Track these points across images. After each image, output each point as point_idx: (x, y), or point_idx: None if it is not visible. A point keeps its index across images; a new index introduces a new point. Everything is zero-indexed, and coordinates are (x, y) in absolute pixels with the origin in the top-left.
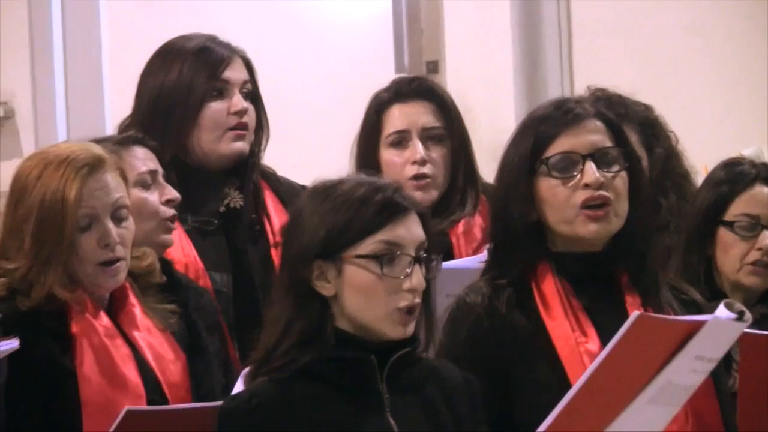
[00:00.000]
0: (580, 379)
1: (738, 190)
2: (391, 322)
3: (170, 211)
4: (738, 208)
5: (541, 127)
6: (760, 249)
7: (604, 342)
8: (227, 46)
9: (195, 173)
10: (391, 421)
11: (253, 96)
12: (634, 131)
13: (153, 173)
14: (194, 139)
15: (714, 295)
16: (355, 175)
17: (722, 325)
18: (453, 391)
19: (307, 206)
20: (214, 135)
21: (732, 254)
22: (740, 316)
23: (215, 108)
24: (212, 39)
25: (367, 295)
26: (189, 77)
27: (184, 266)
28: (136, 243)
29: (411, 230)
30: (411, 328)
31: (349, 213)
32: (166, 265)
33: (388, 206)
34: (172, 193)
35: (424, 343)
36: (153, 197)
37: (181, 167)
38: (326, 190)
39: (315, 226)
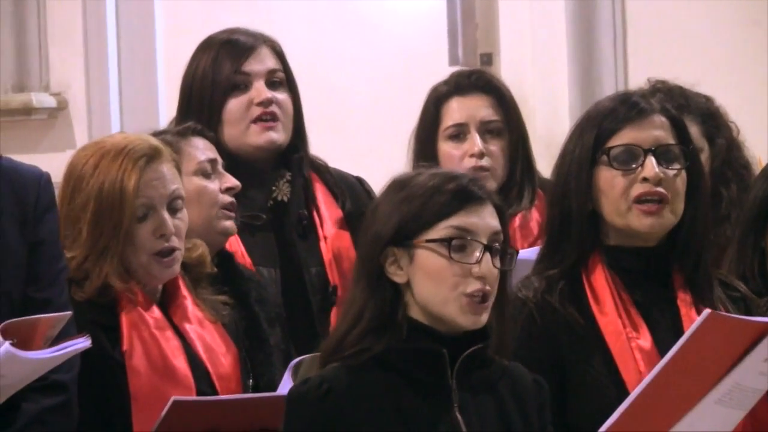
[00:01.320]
0: (648, 375)
1: None
2: (460, 309)
3: (229, 198)
4: None
5: (605, 120)
6: None
7: (655, 338)
8: (254, 35)
9: (243, 167)
10: (459, 417)
11: (288, 85)
12: (695, 122)
13: (213, 162)
14: (223, 134)
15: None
16: (431, 169)
17: None
18: (523, 393)
19: (384, 198)
20: (238, 129)
21: None
22: None
23: (235, 102)
24: (242, 31)
25: (437, 279)
26: (212, 72)
27: None
28: (197, 231)
29: (484, 219)
30: (484, 318)
31: (422, 200)
32: (229, 258)
33: (462, 194)
34: (232, 181)
35: (496, 340)
36: (213, 185)
37: (230, 160)
38: (402, 182)
39: (389, 213)
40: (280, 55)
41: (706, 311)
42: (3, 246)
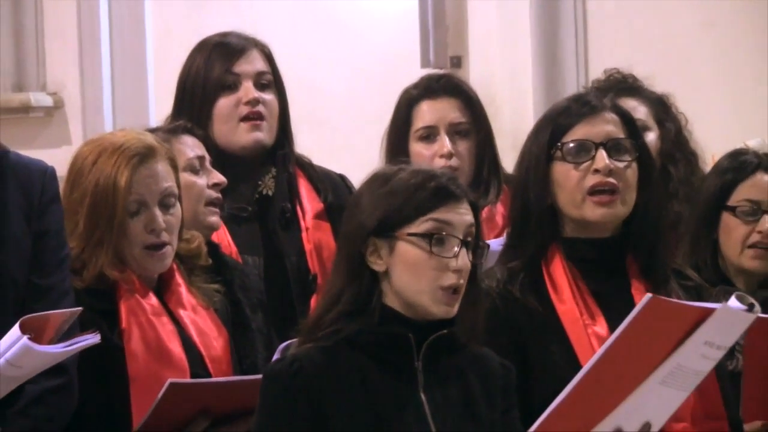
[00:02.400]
0: (593, 357)
1: (741, 177)
2: (435, 300)
3: (215, 194)
4: (741, 194)
5: (560, 117)
6: (760, 232)
7: (611, 325)
8: (245, 38)
9: (232, 162)
10: (422, 398)
11: (275, 86)
12: (645, 104)
13: (201, 159)
14: (213, 131)
15: (719, 279)
16: (412, 165)
17: (732, 313)
18: (490, 377)
19: (367, 190)
20: (227, 127)
21: (734, 237)
22: (750, 308)
23: (225, 101)
24: (234, 34)
25: (416, 271)
26: (204, 72)
27: None
28: (185, 225)
29: (461, 215)
30: (455, 309)
31: (405, 195)
32: (214, 248)
33: (442, 191)
34: (219, 177)
35: (468, 328)
36: (201, 181)
37: (220, 156)
38: (385, 177)
39: (373, 206)
40: (269, 58)
41: (648, 295)
42: (10, 235)
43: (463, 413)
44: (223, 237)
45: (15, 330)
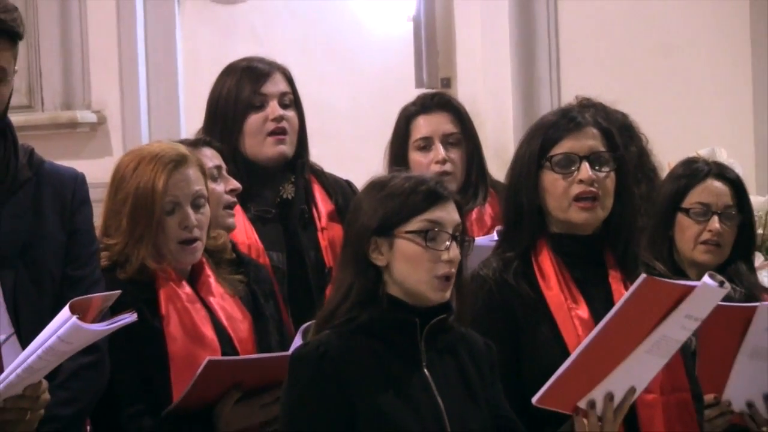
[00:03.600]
0: (593, 332)
1: (694, 182)
2: (432, 288)
3: (232, 199)
4: (694, 198)
5: (548, 131)
6: (710, 231)
7: (591, 309)
8: (269, 63)
9: (256, 170)
10: (426, 373)
11: (295, 105)
12: (616, 134)
13: (218, 168)
14: (243, 144)
15: (675, 271)
16: (403, 173)
17: (709, 289)
18: (478, 354)
19: (366, 196)
20: (256, 140)
21: (688, 235)
22: (721, 284)
23: (255, 118)
24: (259, 59)
25: (413, 263)
26: (235, 93)
27: (247, 247)
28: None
29: (450, 214)
30: (448, 294)
31: (400, 199)
32: (232, 246)
33: (432, 194)
34: (234, 184)
35: (457, 312)
36: (219, 187)
37: (246, 165)
38: (382, 183)
39: (373, 209)
40: (290, 80)
41: (643, 275)
42: (47, 234)
43: (460, 386)
44: (251, 235)
45: (65, 311)
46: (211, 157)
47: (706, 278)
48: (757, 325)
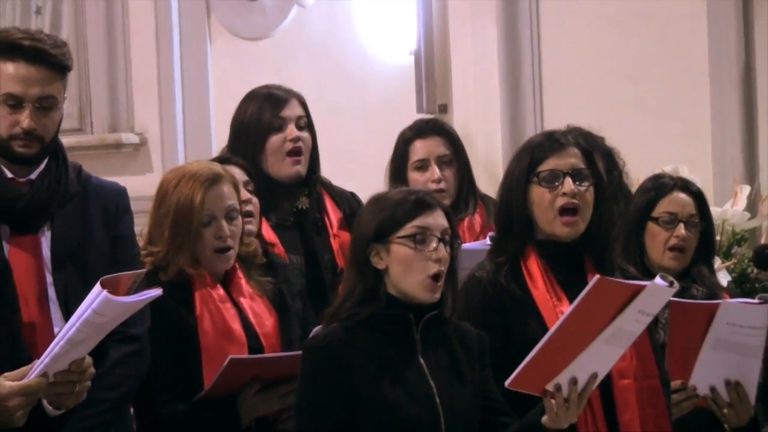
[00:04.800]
0: (556, 322)
1: (661, 194)
2: (423, 289)
3: (246, 209)
4: (662, 208)
5: (536, 150)
6: (677, 236)
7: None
8: (287, 90)
9: (276, 185)
10: (421, 360)
11: (309, 127)
12: (600, 159)
13: (244, 183)
14: (265, 161)
15: (645, 274)
16: (397, 188)
17: (659, 288)
18: (469, 344)
19: (365, 210)
20: (276, 158)
21: (657, 241)
22: (671, 284)
23: (275, 139)
24: (277, 87)
25: (407, 265)
26: (257, 116)
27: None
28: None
29: (437, 219)
30: (437, 295)
31: (392, 209)
32: (268, 250)
33: (419, 203)
34: (247, 196)
35: (451, 306)
36: None
37: (267, 181)
38: (377, 198)
39: (370, 220)
40: (304, 106)
41: (596, 276)
42: (93, 240)
43: (451, 372)
44: (274, 241)
45: (97, 287)
46: (236, 174)
47: (657, 278)
48: (719, 319)
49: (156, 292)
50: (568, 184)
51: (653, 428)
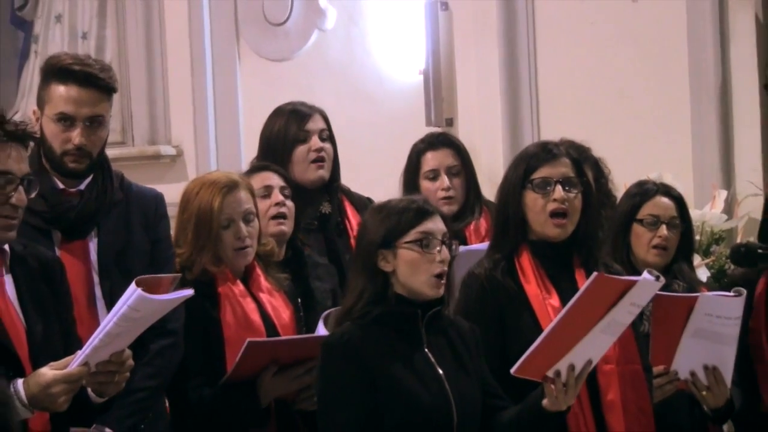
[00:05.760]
0: (558, 315)
1: (646, 199)
2: (429, 286)
3: (277, 212)
4: (646, 211)
5: (530, 160)
6: (660, 237)
7: (561, 298)
8: (310, 106)
9: (302, 192)
10: (427, 351)
11: (330, 139)
12: (590, 170)
13: (267, 188)
14: (291, 171)
15: (631, 270)
16: (397, 197)
17: (648, 283)
18: (465, 336)
19: (370, 218)
20: (302, 167)
21: (642, 241)
22: (657, 279)
23: (301, 149)
24: (301, 103)
25: (414, 266)
26: (284, 130)
27: None
28: (263, 233)
29: (437, 224)
30: (441, 291)
31: (397, 217)
32: (300, 251)
33: (421, 211)
34: (278, 198)
35: (447, 303)
36: (263, 204)
37: (296, 188)
38: (381, 206)
39: (376, 227)
40: (326, 120)
41: (595, 273)
42: (136, 243)
43: (453, 361)
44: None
45: (132, 286)
46: (264, 178)
47: (645, 274)
48: (698, 311)
49: (188, 292)
50: (559, 191)
51: (634, 408)
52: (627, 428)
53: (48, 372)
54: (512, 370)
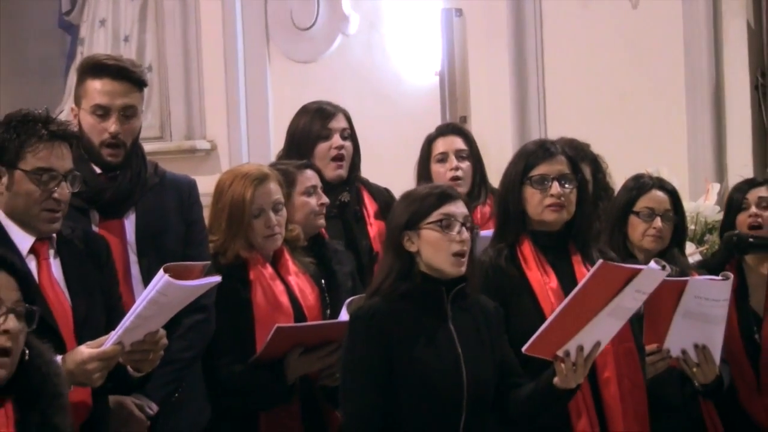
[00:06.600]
0: (565, 300)
1: (642, 192)
2: (450, 264)
3: (321, 210)
4: (642, 203)
5: (529, 157)
6: (654, 227)
7: (561, 282)
8: (334, 106)
9: (323, 183)
10: (451, 326)
11: (351, 137)
12: (588, 166)
13: (314, 187)
14: (313, 165)
15: (628, 256)
16: (422, 184)
17: (654, 272)
18: (488, 314)
19: (399, 203)
20: (322, 163)
21: (638, 231)
22: (663, 268)
23: (323, 146)
24: (326, 103)
25: (435, 246)
26: (309, 127)
27: None
28: (302, 224)
29: (459, 208)
30: (463, 269)
31: (421, 201)
32: (322, 238)
33: (443, 195)
34: (324, 199)
35: (471, 283)
36: (313, 200)
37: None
38: (409, 193)
39: (403, 211)
40: (348, 119)
41: (600, 261)
42: (170, 225)
43: (475, 337)
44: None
45: (160, 272)
46: (310, 177)
47: (651, 263)
48: (688, 293)
49: (215, 279)
50: (556, 186)
51: (629, 384)
52: (622, 402)
53: (84, 350)
54: (523, 349)
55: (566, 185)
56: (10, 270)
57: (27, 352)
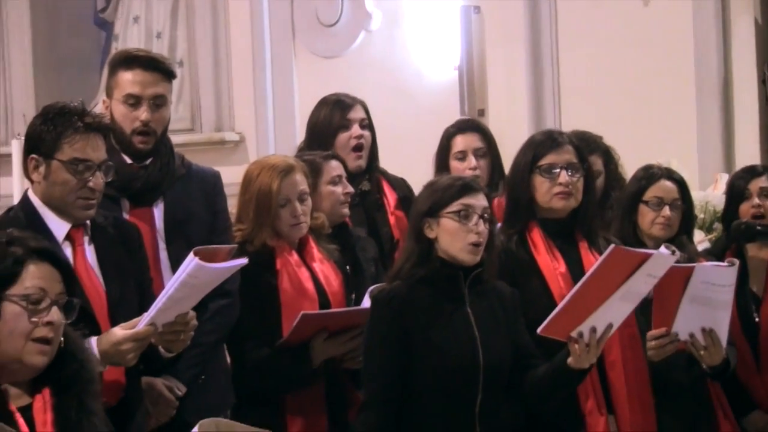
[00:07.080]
0: (578, 283)
1: (651, 182)
2: (465, 252)
3: (347, 199)
4: (651, 193)
5: (537, 147)
6: (663, 216)
7: (569, 266)
8: (353, 98)
9: (345, 172)
10: (469, 311)
11: (369, 127)
12: (599, 157)
13: (339, 177)
14: None
15: (637, 243)
16: (447, 174)
17: (663, 256)
18: (505, 299)
19: (423, 191)
20: (344, 153)
21: (647, 219)
22: (673, 253)
23: (343, 136)
24: (345, 95)
25: (453, 234)
26: (329, 118)
27: None
28: (328, 213)
29: (478, 200)
30: (477, 258)
31: (442, 191)
32: (345, 226)
33: (465, 186)
34: (349, 189)
35: (488, 268)
36: (338, 189)
37: None
38: (433, 182)
39: (424, 199)
40: (366, 110)
41: (612, 246)
42: (196, 214)
43: (492, 321)
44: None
45: (190, 255)
46: (334, 168)
47: (662, 248)
48: (695, 279)
49: (242, 261)
50: (564, 175)
51: (632, 367)
52: (627, 384)
53: (118, 331)
54: (539, 330)
55: (574, 174)
56: (55, 262)
57: (62, 339)
